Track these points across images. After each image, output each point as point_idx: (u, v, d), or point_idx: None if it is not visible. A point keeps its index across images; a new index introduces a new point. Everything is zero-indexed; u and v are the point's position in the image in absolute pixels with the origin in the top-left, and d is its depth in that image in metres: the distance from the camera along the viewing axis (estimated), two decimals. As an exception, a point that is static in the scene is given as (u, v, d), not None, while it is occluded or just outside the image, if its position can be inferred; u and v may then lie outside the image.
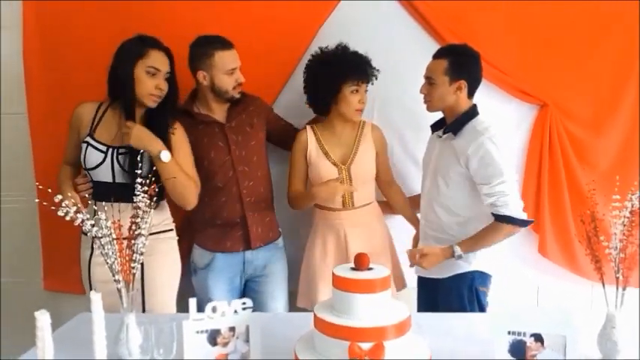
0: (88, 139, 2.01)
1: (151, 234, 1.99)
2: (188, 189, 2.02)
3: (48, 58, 2.50)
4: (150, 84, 1.98)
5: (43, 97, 2.52)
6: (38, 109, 2.53)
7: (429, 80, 2.08)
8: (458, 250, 2.03)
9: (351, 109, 2.17)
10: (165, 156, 1.94)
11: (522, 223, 2.04)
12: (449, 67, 2.06)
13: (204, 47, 2.15)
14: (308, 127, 2.27)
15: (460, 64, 2.07)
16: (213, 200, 2.20)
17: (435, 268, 2.08)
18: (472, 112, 2.10)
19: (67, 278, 2.48)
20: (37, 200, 1.57)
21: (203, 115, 2.23)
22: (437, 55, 2.11)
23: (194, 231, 2.29)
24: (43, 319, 1.31)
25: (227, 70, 2.15)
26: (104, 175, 1.99)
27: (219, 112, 2.25)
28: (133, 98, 1.99)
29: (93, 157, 1.99)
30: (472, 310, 2.09)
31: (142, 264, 2.00)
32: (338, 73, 2.15)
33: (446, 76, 2.06)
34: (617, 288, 1.47)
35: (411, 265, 2.13)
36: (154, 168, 1.86)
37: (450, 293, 2.12)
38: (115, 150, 2.00)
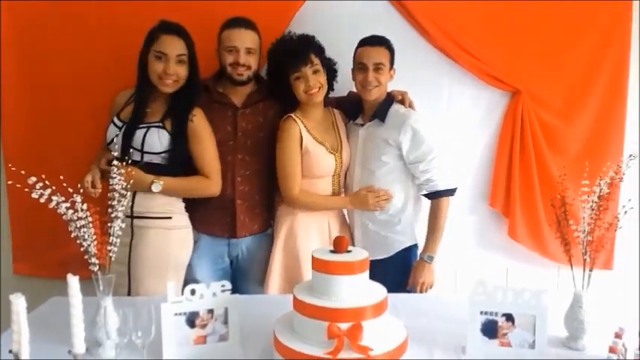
0: (114, 118, 2.05)
1: (139, 217, 2.00)
2: (199, 191, 2.08)
3: (22, 46, 2.44)
4: (157, 68, 1.98)
5: (15, 81, 2.44)
6: (10, 94, 2.46)
7: (378, 66, 2.11)
8: (426, 256, 2.15)
9: (300, 94, 2.11)
10: (155, 187, 1.97)
11: (455, 191, 2.18)
12: (390, 55, 2.14)
13: (221, 26, 2.15)
14: (294, 117, 2.12)
15: (393, 52, 2.16)
16: None
17: (378, 250, 2.13)
18: (391, 98, 2.20)
19: (38, 262, 2.46)
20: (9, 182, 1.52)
21: (220, 94, 2.19)
22: (375, 43, 2.13)
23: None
24: (18, 302, 1.29)
25: (226, 46, 2.12)
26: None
27: (236, 95, 2.19)
28: (148, 84, 2.01)
29: (111, 132, 2.03)
30: None
31: (131, 248, 2.00)
32: (280, 64, 2.12)
33: (389, 63, 2.14)
34: (585, 269, 1.53)
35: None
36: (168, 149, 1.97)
37: (401, 267, 2.19)
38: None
